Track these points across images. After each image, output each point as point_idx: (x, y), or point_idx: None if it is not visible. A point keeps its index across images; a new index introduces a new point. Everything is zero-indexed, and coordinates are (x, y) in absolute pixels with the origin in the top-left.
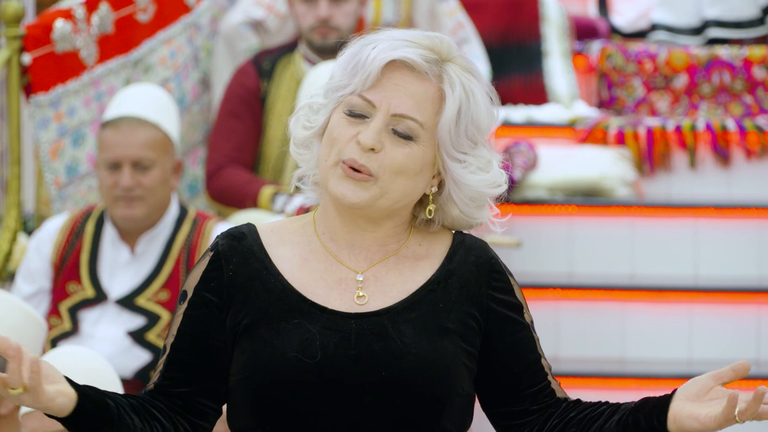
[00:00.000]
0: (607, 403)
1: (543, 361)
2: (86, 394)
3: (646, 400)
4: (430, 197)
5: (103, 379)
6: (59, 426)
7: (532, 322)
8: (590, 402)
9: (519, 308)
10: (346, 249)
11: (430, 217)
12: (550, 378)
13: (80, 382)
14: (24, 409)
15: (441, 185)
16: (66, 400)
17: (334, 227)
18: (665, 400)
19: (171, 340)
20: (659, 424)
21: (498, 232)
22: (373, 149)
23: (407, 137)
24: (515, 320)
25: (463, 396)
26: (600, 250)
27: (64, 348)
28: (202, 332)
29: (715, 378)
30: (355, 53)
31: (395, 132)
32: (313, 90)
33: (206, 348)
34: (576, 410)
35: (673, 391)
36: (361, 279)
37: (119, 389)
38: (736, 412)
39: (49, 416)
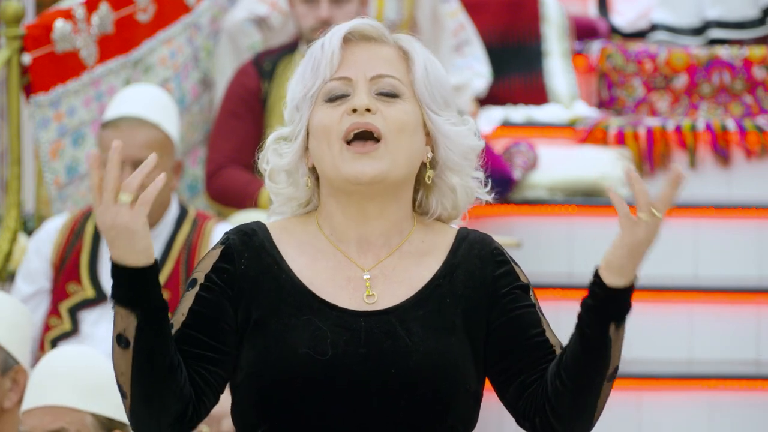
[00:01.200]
0: None
1: (548, 334)
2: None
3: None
4: (428, 164)
5: (106, 377)
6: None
7: (537, 302)
8: None
9: (525, 288)
10: (354, 247)
11: (428, 182)
12: (556, 350)
13: (84, 380)
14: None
15: (434, 151)
16: (149, 247)
17: (340, 227)
18: (594, 272)
19: (181, 319)
20: (599, 287)
21: (489, 198)
22: (369, 110)
23: (394, 95)
24: (521, 297)
25: (470, 394)
26: (600, 250)
27: (65, 347)
28: (215, 313)
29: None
30: (308, 59)
31: (381, 93)
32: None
33: (217, 330)
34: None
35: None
36: (368, 278)
37: None
38: (637, 213)
39: (113, 268)
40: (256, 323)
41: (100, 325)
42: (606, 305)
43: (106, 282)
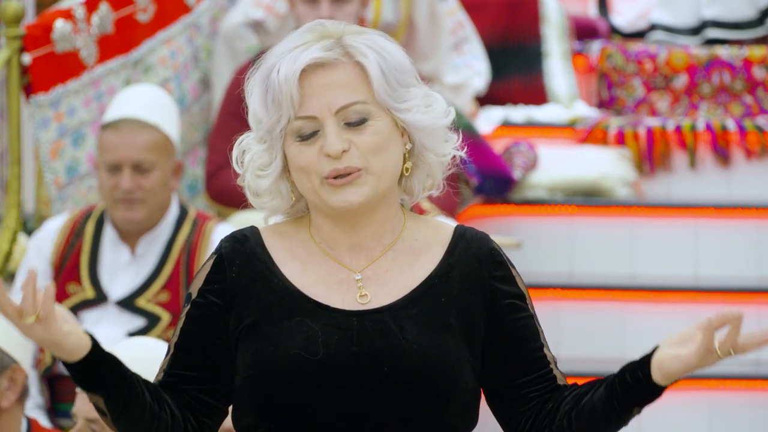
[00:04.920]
0: (600, 380)
1: (545, 350)
2: (101, 346)
3: (630, 362)
4: (406, 155)
5: None
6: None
7: (535, 312)
8: (586, 383)
9: (522, 297)
10: (345, 252)
11: (407, 174)
12: (552, 367)
13: None
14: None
15: (411, 140)
16: (79, 340)
17: (331, 236)
18: (649, 354)
19: (175, 340)
20: (644, 376)
21: (462, 154)
22: (344, 151)
23: (362, 121)
24: (518, 307)
25: (467, 392)
26: (600, 250)
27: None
28: (206, 332)
29: (700, 327)
30: (265, 85)
31: (350, 124)
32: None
33: (210, 348)
34: (569, 390)
35: (656, 346)
36: (359, 278)
37: None
38: (716, 344)
39: (62, 363)
40: (249, 328)
41: (100, 325)
42: (643, 394)
43: (106, 283)
